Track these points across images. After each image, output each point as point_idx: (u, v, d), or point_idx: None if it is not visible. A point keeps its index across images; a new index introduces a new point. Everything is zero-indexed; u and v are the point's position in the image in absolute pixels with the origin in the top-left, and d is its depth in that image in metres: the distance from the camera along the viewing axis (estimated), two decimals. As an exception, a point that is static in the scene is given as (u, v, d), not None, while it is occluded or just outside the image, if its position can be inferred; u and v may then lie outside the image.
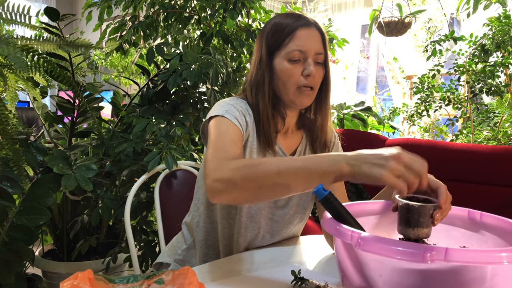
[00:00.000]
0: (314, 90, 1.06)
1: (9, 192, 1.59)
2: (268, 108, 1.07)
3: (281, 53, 1.04)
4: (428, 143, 2.29)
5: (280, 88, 1.06)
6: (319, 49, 1.05)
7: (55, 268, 2.07)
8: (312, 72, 1.03)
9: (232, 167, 0.82)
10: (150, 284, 0.67)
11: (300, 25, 1.04)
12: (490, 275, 0.61)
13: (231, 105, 1.04)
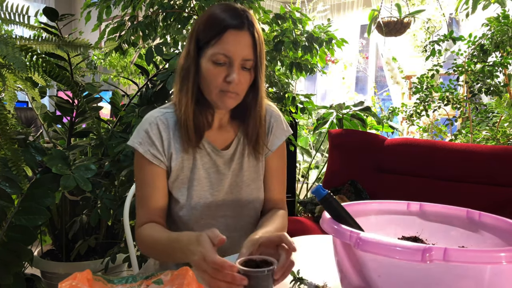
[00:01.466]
0: (239, 94, 1.04)
1: (8, 192, 1.59)
2: (190, 104, 1.05)
3: (208, 53, 1.00)
4: (427, 143, 2.29)
5: (204, 88, 1.04)
6: (247, 55, 1.01)
7: (53, 268, 2.07)
8: (235, 79, 0.99)
9: (138, 243, 1.08)
10: (148, 284, 0.67)
11: (231, 26, 0.98)
12: (489, 275, 0.61)
13: (144, 132, 1.08)
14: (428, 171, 2.19)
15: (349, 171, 2.44)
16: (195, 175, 1.10)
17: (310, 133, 3.77)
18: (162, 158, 1.08)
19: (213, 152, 1.12)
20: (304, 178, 3.42)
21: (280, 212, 1.17)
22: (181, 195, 1.09)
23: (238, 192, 1.15)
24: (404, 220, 0.90)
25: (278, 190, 1.21)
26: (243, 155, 1.15)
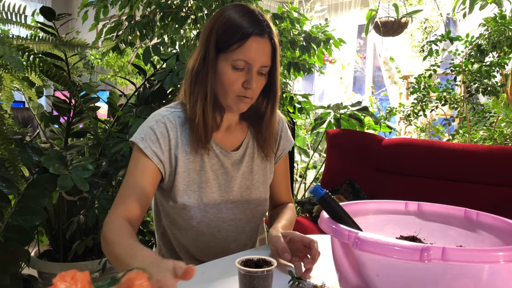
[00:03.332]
0: (253, 99, 1.06)
1: (5, 193, 1.58)
2: (207, 105, 1.04)
3: (227, 57, 1.00)
4: (425, 143, 2.29)
5: (219, 91, 1.04)
6: (265, 62, 1.02)
7: (51, 268, 2.06)
8: (253, 86, 1.01)
9: (103, 231, 0.97)
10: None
11: (253, 33, 0.98)
12: (487, 274, 0.61)
13: (150, 129, 1.05)
14: (426, 171, 2.19)
15: (347, 171, 2.44)
16: (203, 177, 1.09)
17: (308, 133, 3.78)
18: (162, 158, 1.05)
19: (221, 154, 1.11)
20: (302, 178, 3.42)
21: (289, 205, 1.23)
22: (188, 199, 1.07)
23: (248, 194, 1.15)
24: (402, 219, 0.90)
25: (286, 192, 1.27)
26: (252, 158, 1.16)
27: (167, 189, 1.09)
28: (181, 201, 1.07)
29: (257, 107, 1.14)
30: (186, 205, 1.07)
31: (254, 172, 1.15)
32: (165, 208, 1.13)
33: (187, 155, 1.07)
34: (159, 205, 1.16)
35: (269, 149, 1.16)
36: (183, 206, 1.07)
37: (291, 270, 0.86)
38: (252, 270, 0.75)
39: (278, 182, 1.24)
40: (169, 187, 1.08)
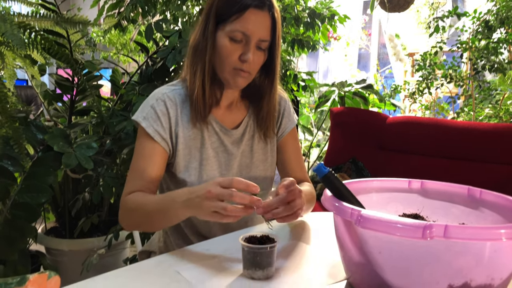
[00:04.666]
0: (251, 74, 1.05)
1: (10, 170, 1.59)
2: (205, 78, 1.04)
3: (225, 28, 1.00)
4: (429, 121, 2.28)
5: (217, 63, 1.04)
6: (264, 36, 1.01)
7: (58, 245, 2.10)
8: (250, 59, 1.00)
9: (121, 211, 1.01)
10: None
11: (252, 4, 0.98)
12: (489, 252, 0.61)
13: (150, 108, 1.06)
14: (430, 149, 2.19)
15: (351, 149, 2.43)
16: (203, 155, 1.09)
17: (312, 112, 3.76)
18: (164, 136, 1.05)
19: (221, 132, 1.11)
20: (306, 157, 3.43)
21: (306, 183, 1.20)
22: (189, 176, 1.08)
23: (248, 173, 1.15)
24: (405, 197, 0.90)
25: (299, 169, 1.23)
26: (252, 136, 1.15)
27: (169, 166, 1.10)
28: (182, 178, 1.08)
29: (257, 85, 1.13)
30: (187, 182, 1.08)
31: (254, 151, 1.15)
32: (168, 185, 1.14)
33: (187, 132, 1.08)
34: (163, 182, 1.17)
35: (268, 129, 1.16)
36: (184, 183, 1.08)
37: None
38: (255, 247, 0.76)
39: (288, 161, 1.22)
40: (171, 164, 1.09)
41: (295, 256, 0.89)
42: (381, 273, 0.65)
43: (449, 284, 0.61)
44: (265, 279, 0.77)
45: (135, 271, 0.81)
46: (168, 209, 0.89)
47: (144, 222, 1.00)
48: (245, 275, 0.78)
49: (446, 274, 0.61)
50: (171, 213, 0.89)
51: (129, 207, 0.99)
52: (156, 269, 0.81)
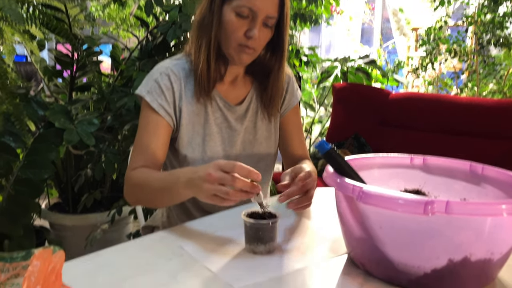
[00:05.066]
0: (256, 51, 1.03)
1: (12, 147, 1.60)
2: (210, 53, 1.02)
3: (232, 3, 0.98)
4: (432, 97, 2.26)
5: (223, 39, 1.02)
6: (271, 13, 0.99)
7: (61, 220, 2.12)
8: (255, 35, 0.98)
9: (126, 187, 1.01)
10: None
11: None
12: (489, 227, 0.61)
13: (154, 82, 1.04)
14: (433, 125, 2.18)
15: (353, 125, 2.43)
16: (207, 131, 1.08)
17: (314, 87, 3.73)
18: (169, 110, 1.04)
19: (225, 107, 1.10)
20: (307, 133, 3.42)
21: (307, 160, 1.19)
22: (192, 151, 1.07)
23: (251, 149, 1.15)
24: (407, 173, 0.90)
25: (300, 146, 1.23)
26: (256, 112, 1.15)
27: (172, 142, 1.10)
28: (184, 154, 1.08)
29: (264, 63, 1.12)
30: (190, 158, 1.07)
31: (257, 127, 1.15)
32: (171, 160, 1.15)
33: (191, 107, 1.07)
34: (166, 158, 1.17)
35: (273, 108, 1.15)
36: (187, 159, 1.08)
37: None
38: (257, 222, 0.77)
39: (289, 137, 1.21)
40: (174, 139, 1.09)
41: (297, 231, 0.90)
42: (381, 248, 0.66)
43: (449, 259, 0.62)
44: (267, 254, 0.78)
45: (139, 245, 0.82)
46: (171, 188, 0.89)
47: (148, 199, 1.00)
48: (247, 250, 0.79)
49: (447, 249, 0.62)
50: (174, 192, 0.88)
51: (134, 183, 0.99)
52: (159, 244, 0.82)
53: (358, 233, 0.70)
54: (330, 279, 0.70)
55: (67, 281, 0.57)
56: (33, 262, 0.51)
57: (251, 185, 0.76)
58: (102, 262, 0.73)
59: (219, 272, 0.71)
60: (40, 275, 0.51)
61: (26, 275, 0.50)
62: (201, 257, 0.76)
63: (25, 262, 0.59)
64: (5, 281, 0.58)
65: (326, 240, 0.85)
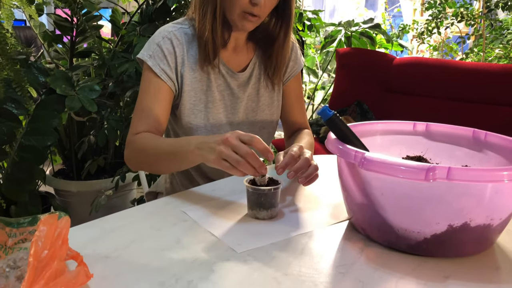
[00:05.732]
0: (261, 18, 1.00)
1: (14, 113, 1.60)
2: (216, 21, 1.00)
3: None
4: (437, 62, 2.23)
5: (227, 5, 0.99)
6: None
7: (66, 186, 2.15)
8: (260, 2, 0.95)
9: (129, 150, 1.00)
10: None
11: None
12: (490, 193, 0.62)
13: (157, 46, 1.03)
14: (437, 92, 2.16)
15: (356, 91, 2.41)
16: (209, 97, 1.08)
17: (317, 53, 3.68)
18: (171, 75, 1.03)
19: (227, 74, 1.09)
20: (310, 100, 3.40)
21: (306, 130, 1.20)
22: (194, 118, 1.07)
23: (253, 117, 1.14)
24: (409, 140, 0.90)
25: (300, 113, 1.23)
26: (259, 80, 1.14)
27: (174, 108, 1.09)
28: (187, 121, 1.07)
29: (268, 30, 1.09)
30: (193, 125, 1.07)
31: (260, 94, 1.14)
32: (174, 128, 1.14)
33: (193, 73, 1.06)
34: (169, 126, 1.17)
35: (277, 76, 1.14)
36: (189, 126, 1.07)
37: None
38: (259, 188, 0.77)
39: (290, 105, 1.21)
40: (176, 106, 1.08)
41: (298, 197, 0.91)
42: (382, 214, 0.67)
43: (449, 224, 0.63)
44: (269, 219, 0.79)
45: (143, 211, 0.84)
46: (180, 152, 0.88)
47: (151, 163, 0.99)
48: (249, 215, 0.80)
49: (447, 214, 0.63)
50: (181, 156, 0.88)
51: (138, 147, 0.98)
52: (163, 210, 0.83)
53: (359, 199, 0.71)
54: (331, 244, 0.71)
55: (73, 246, 0.58)
56: (39, 227, 0.52)
57: (261, 164, 0.76)
58: (107, 228, 0.75)
59: (222, 236, 0.72)
60: (47, 240, 0.52)
61: (33, 240, 0.51)
62: (204, 222, 0.77)
63: (31, 227, 0.60)
64: (13, 245, 0.59)
65: (327, 206, 0.86)
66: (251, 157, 0.75)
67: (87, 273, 0.54)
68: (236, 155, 0.75)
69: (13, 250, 0.59)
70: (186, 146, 0.85)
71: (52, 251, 0.52)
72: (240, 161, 0.75)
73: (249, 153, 0.75)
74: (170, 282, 0.58)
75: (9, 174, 1.57)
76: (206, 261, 0.64)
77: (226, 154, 0.76)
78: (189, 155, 0.85)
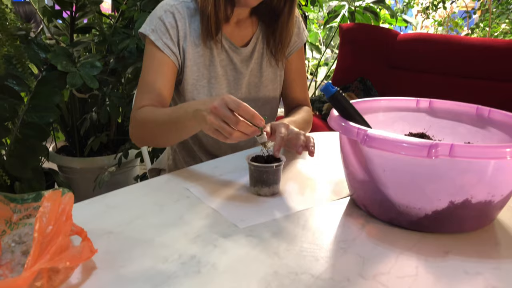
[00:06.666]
0: None
1: (16, 90, 1.59)
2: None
3: None
4: (442, 38, 2.20)
5: None
6: None
7: (69, 163, 2.16)
8: None
9: (132, 125, 1.00)
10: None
11: None
12: (492, 170, 0.62)
13: (159, 20, 1.01)
14: (442, 68, 2.14)
15: (360, 67, 2.39)
16: (212, 73, 1.07)
17: (320, 28, 3.63)
18: (174, 49, 1.02)
19: (230, 49, 1.08)
20: (313, 76, 3.37)
21: (305, 107, 1.18)
22: (197, 94, 1.07)
23: (256, 92, 1.14)
24: (412, 117, 0.90)
25: (301, 89, 1.21)
26: (262, 54, 1.12)
27: (177, 84, 1.09)
28: (190, 96, 1.07)
29: (272, 4, 1.07)
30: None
31: (263, 70, 1.13)
32: (176, 104, 1.14)
33: (196, 48, 1.04)
34: (172, 102, 1.17)
35: (281, 52, 1.12)
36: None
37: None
38: (261, 165, 0.78)
39: (291, 80, 1.20)
40: (178, 81, 1.08)
41: (300, 174, 0.91)
42: (384, 190, 0.67)
43: (450, 201, 0.63)
44: (271, 195, 0.79)
45: (146, 188, 0.84)
46: (178, 120, 0.87)
47: (154, 136, 0.98)
48: (252, 192, 0.80)
49: (448, 191, 0.63)
50: (181, 124, 0.87)
51: (140, 121, 0.97)
52: (166, 186, 0.84)
53: (361, 176, 0.71)
54: (332, 220, 0.71)
55: (77, 222, 0.59)
56: (43, 204, 0.53)
57: (252, 129, 0.76)
58: (111, 204, 0.75)
59: (224, 213, 0.73)
60: (51, 216, 0.53)
61: (37, 216, 0.51)
62: (207, 198, 0.78)
63: (36, 203, 0.60)
64: (18, 221, 0.60)
65: (329, 183, 0.86)
66: (241, 127, 0.75)
67: (91, 248, 0.55)
68: (227, 127, 0.75)
69: (18, 225, 0.60)
70: (184, 115, 0.85)
71: (56, 226, 0.53)
72: (232, 132, 0.75)
73: (239, 122, 0.74)
74: (173, 257, 0.59)
75: (12, 150, 1.58)
76: (208, 236, 0.65)
77: (217, 125, 0.76)
78: (187, 123, 0.85)
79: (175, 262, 0.58)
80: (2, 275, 0.52)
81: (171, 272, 0.56)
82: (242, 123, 0.74)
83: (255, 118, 0.75)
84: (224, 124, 0.75)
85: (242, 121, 0.74)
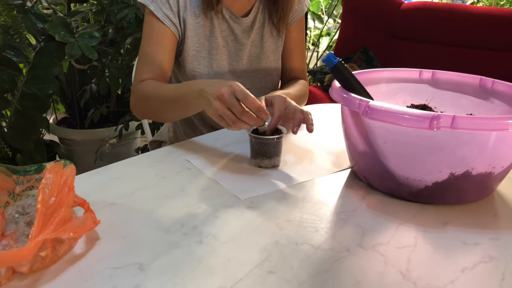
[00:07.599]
0: None
1: (14, 61, 1.57)
2: None
3: None
4: (446, 7, 2.15)
5: None
6: None
7: (70, 135, 2.16)
8: None
9: (134, 99, 0.99)
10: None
11: None
12: (493, 141, 0.61)
13: None
14: (446, 38, 2.10)
15: (362, 38, 2.35)
16: (213, 43, 1.05)
17: (322, -3, 3.55)
18: (174, 20, 1.00)
19: (231, 19, 1.06)
20: (315, 46, 3.32)
21: (301, 81, 1.17)
22: (198, 65, 1.05)
23: (257, 63, 1.12)
24: (414, 88, 0.89)
25: (299, 60, 1.19)
26: (263, 24, 1.10)
27: (177, 55, 1.07)
28: (191, 68, 1.05)
29: None
30: (196, 73, 1.06)
31: (264, 40, 1.11)
32: (177, 75, 1.13)
33: (196, 18, 1.03)
34: (172, 74, 1.15)
35: (283, 22, 1.10)
36: (193, 74, 1.06)
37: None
38: (262, 137, 0.78)
39: (290, 50, 1.17)
40: (178, 52, 1.06)
41: (301, 146, 0.91)
42: (385, 162, 0.67)
43: (451, 172, 0.63)
44: (272, 167, 0.80)
45: (147, 159, 0.84)
46: (183, 98, 0.86)
47: (156, 111, 0.97)
48: (253, 164, 0.81)
49: (449, 162, 0.63)
50: (185, 102, 0.87)
51: (142, 95, 0.96)
52: (167, 158, 0.84)
53: (362, 147, 0.71)
54: (333, 192, 0.72)
55: (80, 194, 0.60)
56: (46, 175, 0.53)
57: (256, 120, 0.75)
58: (112, 175, 0.76)
59: (225, 184, 0.73)
60: (54, 187, 0.53)
61: (40, 187, 0.52)
62: (208, 170, 0.78)
63: (38, 175, 0.61)
64: (21, 192, 0.60)
65: (330, 154, 0.87)
66: (246, 117, 0.74)
67: (94, 219, 0.56)
68: (232, 115, 0.74)
69: (21, 197, 0.61)
70: (190, 93, 0.84)
71: (59, 198, 0.53)
72: (235, 121, 0.75)
73: (244, 113, 0.74)
74: (175, 228, 0.60)
75: (13, 122, 1.58)
76: (210, 207, 0.66)
77: (222, 112, 0.75)
78: (191, 101, 0.85)
79: (177, 233, 0.59)
80: (7, 245, 0.53)
81: (173, 242, 0.57)
82: (247, 114, 0.74)
83: (260, 112, 0.75)
84: (229, 112, 0.74)
85: (247, 112, 0.74)
